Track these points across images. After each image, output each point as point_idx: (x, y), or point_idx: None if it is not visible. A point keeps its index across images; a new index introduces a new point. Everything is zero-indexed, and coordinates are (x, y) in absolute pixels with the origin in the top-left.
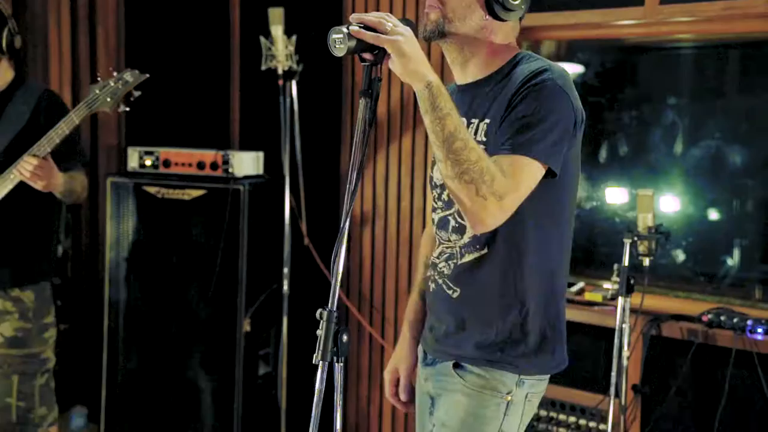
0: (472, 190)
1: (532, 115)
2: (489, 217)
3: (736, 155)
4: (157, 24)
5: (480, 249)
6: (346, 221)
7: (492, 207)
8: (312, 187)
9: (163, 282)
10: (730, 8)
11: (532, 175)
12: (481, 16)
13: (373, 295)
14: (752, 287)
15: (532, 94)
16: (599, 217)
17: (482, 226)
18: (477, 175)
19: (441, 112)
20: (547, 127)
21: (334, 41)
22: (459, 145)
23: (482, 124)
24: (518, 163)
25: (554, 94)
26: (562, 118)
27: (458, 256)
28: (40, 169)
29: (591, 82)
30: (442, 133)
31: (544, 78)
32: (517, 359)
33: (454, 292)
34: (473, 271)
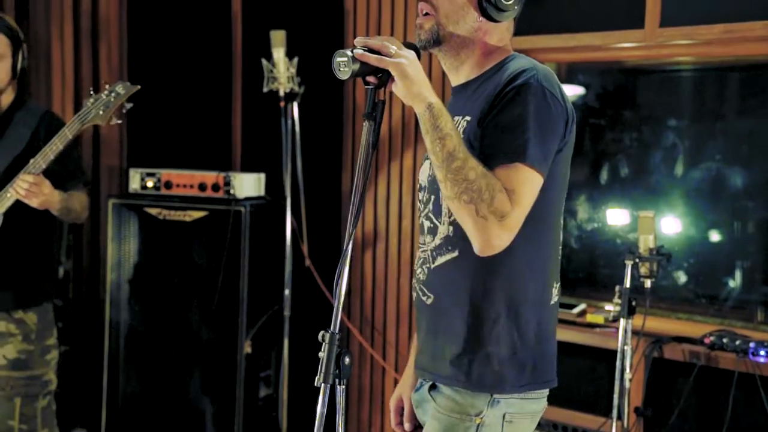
0: (472, 211)
1: (519, 118)
2: (493, 237)
3: (737, 177)
4: (160, 45)
5: (451, 251)
6: (349, 244)
7: (494, 227)
8: (313, 208)
9: (164, 303)
10: (729, 31)
11: (532, 186)
12: (474, 17)
13: (374, 317)
14: (754, 309)
15: (518, 96)
16: (600, 238)
17: (489, 248)
18: (476, 194)
19: (441, 132)
20: (536, 130)
21: (339, 64)
22: (458, 164)
23: (463, 121)
24: (516, 175)
25: (540, 95)
26: (550, 119)
27: (431, 259)
28: (35, 187)
29: (592, 104)
30: (441, 152)
31: (527, 79)
32: (486, 375)
33: (428, 299)
34: (445, 275)
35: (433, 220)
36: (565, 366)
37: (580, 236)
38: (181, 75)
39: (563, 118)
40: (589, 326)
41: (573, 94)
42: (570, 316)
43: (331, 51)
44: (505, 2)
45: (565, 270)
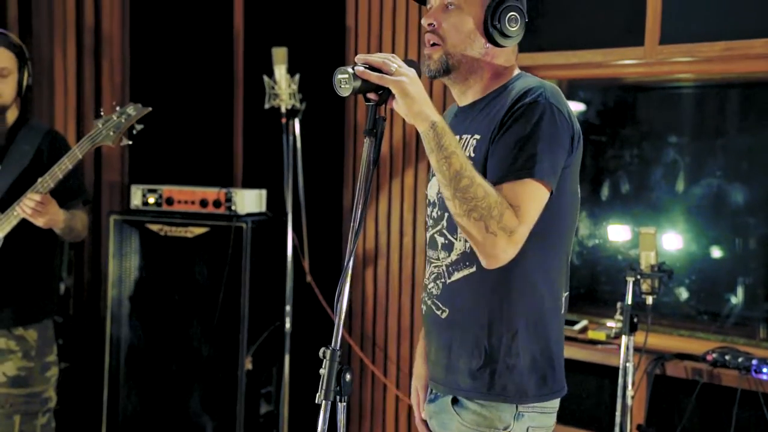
0: (482, 227)
1: (528, 135)
2: (501, 252)
3: (738, 193)
4: (162, 62)
5: (468, 267)
6: (350, 261)
7: (502, 242)
8: (314, 224)
9: (164, 320)
10: (729, 49)
11: (539, 201)
12: (482, 44)
13: (375, 334)
14: (756, 326)
15: (526, 114)
16: (602, 254)
17: (495, 261)
18: (485, 211)
19: (446, 151)
20: (545, 146)
21: (340, 81)
22: (465, 182)
23: (472, 139)
24: (524, 191)
25: (548, 112)
26: (558, 135)
27: (446, 275)
28: (42, 206)
29: (592, 120)
30: (448, 171)
31: (536, 97)
32: (509, 386)
33: (443, 313)
34: (461, 290)
35: (447, 237)
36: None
37: (582, 252)
38: (183, 92)
39: (569, 134)
40: (590, 343)
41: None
42: (572, 333)
43: (333, 68)
44: (510, 28)
45: None
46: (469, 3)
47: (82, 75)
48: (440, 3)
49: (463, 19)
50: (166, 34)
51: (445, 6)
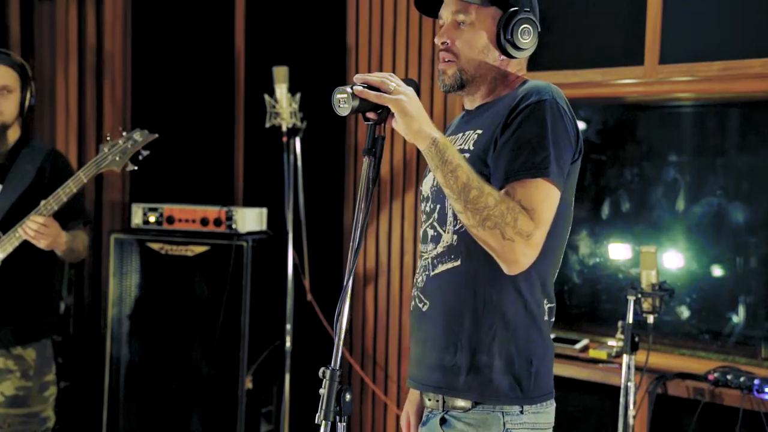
0: (498, 235)
1: (538, 135)
2: (522, 256)
3: (739, 212)
4: (164, 81)
5: (453, 260)
6: (349, 279)
7: (521, 246)
8: (315, 243)
9: (165, 338)
10: (728, 68)
11: (552, 202)
12: (496, 56)
13: (376, 352)
14: (758, 345)
15: (534, 113)
16: (602, 273)
17: (517, 267)
18: (499, 219)
19: (451, 165)
20: (554, 147)
21: (338, 101)
22: (474, 193)
23: (474, 134)
24: (537, 192)
25: (556, 112)
26: (566, 136)
27: (431, 267)
28: (44, 228)
29: (593, 139)
30: (456, 185)
31: (542, 96)
32: (474, 384)
33: (424, 306)
34: (443, 283)
35: (437, 228)
36: (567, 402)
37: (582, 271)
38: (184, 110)
39: (575, 136)
40: (591, 362)
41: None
42: (572, 352)
43: (334, 87)
44: (523, 41)
45: (567, 305)
46: (480, 19)
47: (84, 94)
48: (452, 20)
49: (475, 35)
50: (168, 53)
51: (456, 23)
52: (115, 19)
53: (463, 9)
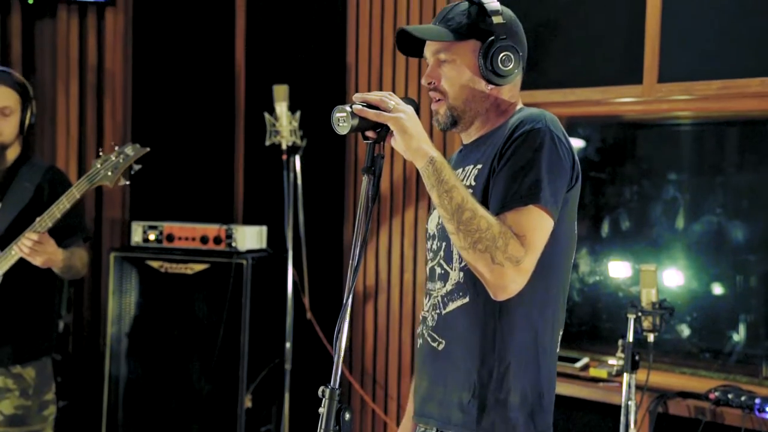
0: (488, 259)
1: (530, 162)
2: (510, 282)
3: (738, 231)
4: (164, 99)
5: (462, 297)
6: (349, 297)
7: (510, 272)
8: (315, 261)
9: (164, 357)
10: (726, 87)
11: (544, 229)
12: (483, 86)
13: (375, 371)
14: (759, 364)
15: (527, 141)
16: (603, 291)
17: (504, 293)
18: (490, 242)
19: (446, 185)
20: (547, 174)
21: (338, 119)
22: (468, 215)
23: (474, 169)
24: (528, 218)
25: (549, 140)
26: (560, 163)
27: (441, 306)
28: (39, 245)
29: (592, 157)
30: (450, 205)
31: (536, 124)
32: (497, 422)
33: (439, 344)
34: (455, 321)
35: (444, 267)
36: (568, 421)
37: (582, 289)
38: (185, 128)
39: (570, 163)
40: (592, 380)
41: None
42: (573, 370)
43: (334, 105)
44: (504, 68)
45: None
46: (460, 54)
47: (84, 113)
48: (434, 60)
49: (458, 71)
50: (168, 71)
51: (439, 62)
52: (116, 38)
53: (442, 48)
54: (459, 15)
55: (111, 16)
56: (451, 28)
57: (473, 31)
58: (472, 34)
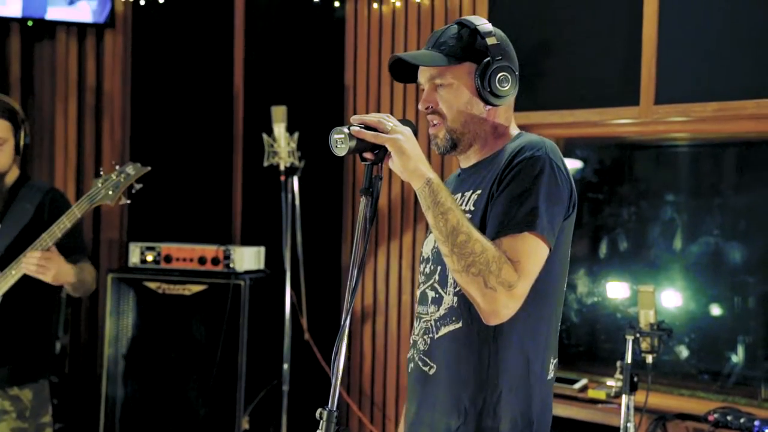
0: (481, 283)
1: (528, 189)
2: (502, 307)
3: (736, 252)
4: (163, 120)
5: (455, 322)
6: (346, 319)
7: (503, 297)
8: (313, 282)
9: (161, 378)
10: (722, 109)
11: (539, 256)
12: (481, 108)
13: (373, 392)
14: (758, 386)
15: (526, 168)
16: (601, 312)
17: (496, 318)
18: (483, 266)
19: (442, 207)
20: (545, 201)
21: (336, 141)
22: (462, 238)
23: (473, 195)
24: (523, 245)
25: (548, 167)
26: (558, 191)
27: (434, 330)
28: (46, 261)
29: (590, 178)
30: (445, 228)
31: (535, 151)
32: None
33: (431, 369)
34: (448, 346)
35: (438, 290)
36: None
37: (581, 310)
38: (183, 149)
39: (568, 192)
40: (591, 402)
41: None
42: (571, 392)
43: (331, 126)
44: (502, 88)
45: (565, 344)
46: (457, 76)
47: (83, 133)
48: (430, 85)
49: (456, 94)
50: (167, 92)
51: (435, 86)
52: (115, 59)
53: (437, 73)
54: (451, 38)
55: (110, 38)
56: (445, 52)
57: (468, 54)
58: (467, 56)
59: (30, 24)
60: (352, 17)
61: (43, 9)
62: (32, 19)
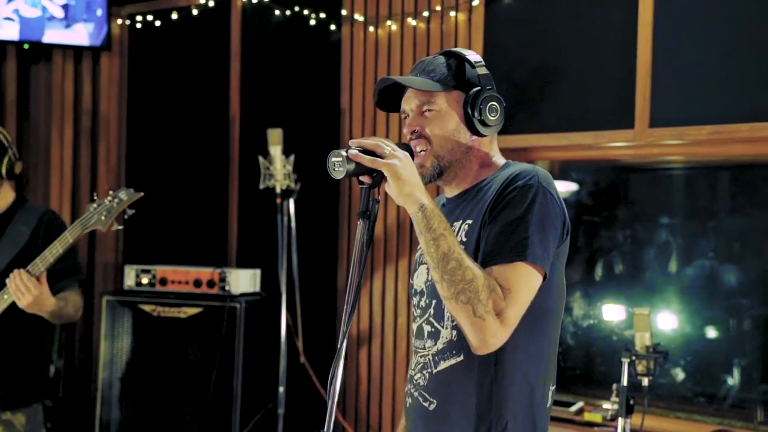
0: (470, 311)
1: (521, 218)
2: (490, 337)
3: (731, 274)
4: (158, 143)
5: (456, 356)
6: (343, 342)
7: (492, 326)
8: (309, 304)
9: (156, 402)
10: (716, 133)
11: (531, 285)
12: (467, 137)
13: (369, 415)
14: (753, 409)
15: (519, 196)
16: (597, 335)
17: (485, 347)
18: (473, 294)
19: (435, 233)
20: (538, 230)
21: (333, 164)
22: (453, 265)
23: (464, 225)
24: (514, 274)
25: (541, 195)
26: (551, 220)
27: (432, 364)
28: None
29: (585, 201)
30: (436, 253)
31: (529, 180)
32: None
33: (431, 404)
34: (449, 380)
35: (434, 325)
36: None
37: (577, 333)
38: (179, 172)
39: (561, 220)
40: (587, 425)
41: (566, 190)
42: (568, 414)
43: (328, 149)
44: (491, 118)
45: (562, 367)
46: (446, 104)
47: (79, 157)
48: (417, 111)
49: (444, 120)
50: (163, 116)
51: (422, 112)
52: (111, 82)
53: (427, 100)
54: (440, 66)
55: (106, 61)
56: (435, 79)
57: (458, 82)
58: (457, 84)
59: (26, 47)
60: (348, 41)
61: (41, 32)
62: (29, 42)
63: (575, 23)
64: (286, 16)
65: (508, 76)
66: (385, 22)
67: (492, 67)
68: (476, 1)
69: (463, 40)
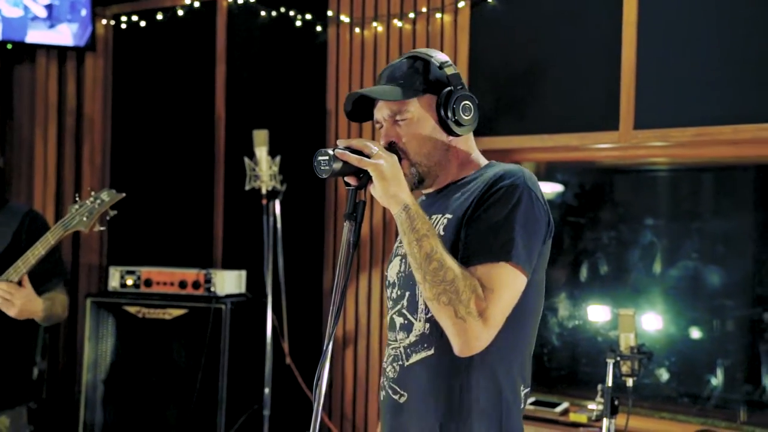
0: (451, 312)
1: (506, 218)
2: (472, 338)
3: (714, 275)
4: (143, 143)
5: (426, 349)
6: (329, 344)
7: (473, 327)
8: (294, 306)
9: (140, 404)
10: (700, 134)
11: (514, 286)
12: (444, 138)
13: (355, 416)
14: (737, 408)
15: (505, 196)
16: (581, 336)
17: (468, 349)
18: (454, 295)
19: (417, 234)
20: (522, 231)
21: (320, 163)
22: (435, 265)
23: (443, 218)
24: (498, 274)
25: (526, 196)
26: (535, 221)
27: (404, 357)
28: (11, 296)
29: (570, 202)
30: (419, 254)
31: (514, 180)
32: None
33: (401, 397)
34: (419, 373)
35: (407, 317)
36: None
37: (561, 333)
38: (164, 173)
39: (545, 222)
40: (572, 425)
41: (552, 191)
42: (553, 415)
43: (313, 150)
44: (465, 117)
45: (547, 368)
46: (418, 109)
47: (63, 157)
48: (390, 120)
49: (418, 126)
50: (148, 116)
51: (395, 121)
52: (96, 83)
53: (399, 109)
54: (408, 72)
55: (91, 62)
56: (404, 86)
57: (427, 86)
58: (427, 88)
59: (9, 47)
60: (334, 42)
61: (24, 32)
62: (12, 42)
63: (560, 25)
64: (271, 17)
65: (493, 77)
66: (371, 24)
67: (477, 68)
68: (462, 3)
69: (449, 42)
